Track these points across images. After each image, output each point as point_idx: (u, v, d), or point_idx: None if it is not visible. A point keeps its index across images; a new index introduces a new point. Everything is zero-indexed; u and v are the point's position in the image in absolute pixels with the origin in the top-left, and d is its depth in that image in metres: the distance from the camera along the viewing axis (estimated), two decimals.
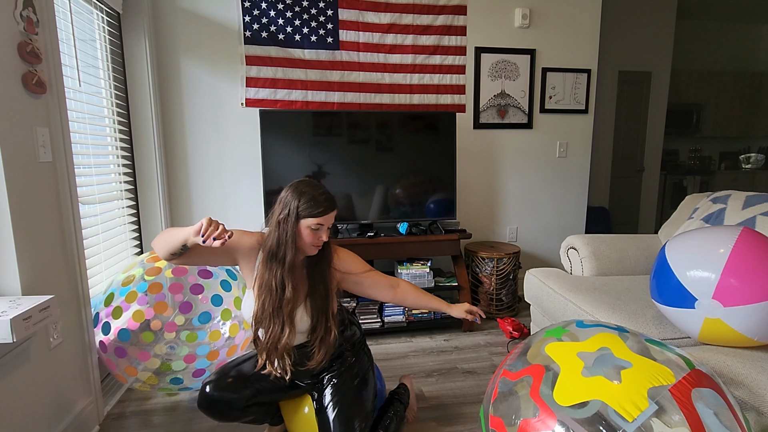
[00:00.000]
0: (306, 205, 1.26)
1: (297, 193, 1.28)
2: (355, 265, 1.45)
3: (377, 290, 1.48)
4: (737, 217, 1.81)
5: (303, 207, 1.26)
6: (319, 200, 1.27)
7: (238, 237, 1.34)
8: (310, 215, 1.26)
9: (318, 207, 1.27)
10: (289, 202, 1.27)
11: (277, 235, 1.28)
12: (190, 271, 1.76)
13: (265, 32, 2.52)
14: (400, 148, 2.50)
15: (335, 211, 1.32)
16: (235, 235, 1.33)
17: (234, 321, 1.77)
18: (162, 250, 1.25)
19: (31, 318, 1.13)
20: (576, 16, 2.93)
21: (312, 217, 1.26)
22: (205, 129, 2.57)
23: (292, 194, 1.28)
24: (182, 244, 1.21)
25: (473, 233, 3.02)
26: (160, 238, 1.26)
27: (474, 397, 1.83)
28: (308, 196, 1.27)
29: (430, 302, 1.51)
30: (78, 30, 1.85)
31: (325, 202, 1.28)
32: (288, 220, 1.27)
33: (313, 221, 1.26)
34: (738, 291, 1.20)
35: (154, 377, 1.67)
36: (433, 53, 2.75)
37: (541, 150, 3.04)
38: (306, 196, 1.27)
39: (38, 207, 1.37)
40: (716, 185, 5.05)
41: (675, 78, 4.54)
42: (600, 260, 2.14)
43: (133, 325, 1.64)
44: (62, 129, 1.48)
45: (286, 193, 1.30)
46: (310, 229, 1.27)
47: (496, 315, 2.70)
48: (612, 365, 0.92)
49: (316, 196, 1.27)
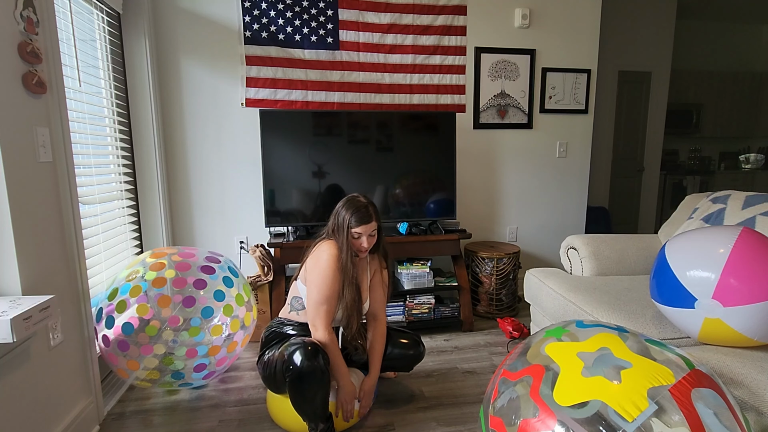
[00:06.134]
0: (352, 217, 1.56)
1: (345, 207, 1.60)
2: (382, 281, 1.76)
3: (371, 306, 1.75)
4: (737, 217, 1.81)
5: (352, 219, 1.56)
6: (363, 213, 1.57)
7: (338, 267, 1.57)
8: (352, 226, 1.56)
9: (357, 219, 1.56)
10: (339, 214, 1.60)
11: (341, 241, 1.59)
12: (193, 267, 1.76)
13: (265, 32, 2.52)
14: (400, 148, 2.50)
15: (373, 222, 1.58)
16: (337, 261, 1.57)
17: (235, 317, 1.78)
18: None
19: (31, 318, 1.13)
20: (576, 16, 2.93)
21: (354, 227, 1.56)
22: (205, 129, 2.57)
23: (342, 207, 1.61)
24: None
25: (473, 233, 3.02)
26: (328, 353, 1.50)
27: (474, 397, 1.83)
28: (353, 209, 1.57)
29: (373, 358, 1.70)
30: (78, 30, 1.85)
31: (363, 215, 1.57)
32: (340, 229, 1.58)
33: (355, 230, 1.56)
34: (738, 291, 1.20)
35: (156, 372, 1.67)
36: (433, 53, 2.75)
37: (541, 150, 3.04)
38: (351, 209, 1.58)
39: (38, 207, 1.37)
40: (716, 185, 5.05)
41: (675, 78, 4.54)
42: (600, 260, 2.14)
43: (136, 319, 1.64)
44: (62, 129, 1.48)
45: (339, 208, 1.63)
46: (353, 237, 1.58)
47: (496, 315, 2.70)
48: (612, 365, 0.92)
49: (359, 208, 1.57)
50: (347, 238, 1.56)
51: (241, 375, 2.03)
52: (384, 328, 1.75)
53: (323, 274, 1.53)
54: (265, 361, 1.58)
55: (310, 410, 1.43)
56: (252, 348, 2.31)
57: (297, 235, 2.47)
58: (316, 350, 1.40)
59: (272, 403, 1.62)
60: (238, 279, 1.90)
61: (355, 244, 1.58)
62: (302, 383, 1.38)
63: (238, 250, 2.70)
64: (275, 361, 1.50)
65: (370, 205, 1.60)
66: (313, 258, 1.59)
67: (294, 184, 2.39)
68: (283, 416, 1.57)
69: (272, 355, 1.55)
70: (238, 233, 2.70)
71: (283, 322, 1.67)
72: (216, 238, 2.68)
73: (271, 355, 1.56)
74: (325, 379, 1.41)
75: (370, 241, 1.60)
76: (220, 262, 1.88)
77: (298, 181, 2.40)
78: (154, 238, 2.45)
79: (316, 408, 1.42)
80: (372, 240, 1.61)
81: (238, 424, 1.66)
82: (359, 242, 1.58)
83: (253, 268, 2.68)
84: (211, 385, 1.95)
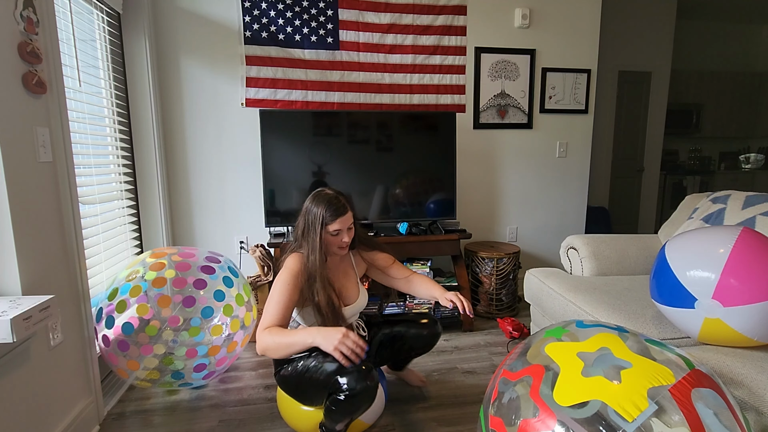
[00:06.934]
0: (326, 213, 1.43)
1: (315, 203, 1.45)
2: (382, 259, 1.70)
3: (396, 283, 1.71)
4: (737, 217, 1.81)
5: (326, 215, 1.43)
6: (336, 205, 1.44)
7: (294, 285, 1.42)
8: (328, 221, 1.43)
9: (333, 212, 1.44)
10: (310, 212, 1.45)
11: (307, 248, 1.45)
12: (193, 267, 1.77)
13: (265, 32, 2.52)
14: (400, 148, 2.50)
15: (348, 213, 1.47)
16: (294, 279, 1.42)
17: (235, 317, 1.78)
18: (280, 353, 1.34)
19: (31, 318, 1.13)
20: (576, 16, 2.93)
21: (329, 223, 1.43)
22: (205, 129, 2.57)
23: (312, 204, 1.46)
24: (308, 348, 1.32)
25: (473, 233, 3.02)
26: (277, 345, 1.31)
27: (474, 397, 1.83)
28: (325, 204, 1.44)
29: (433, 291, 1.64)
30: (78, 30, 1.85)
31: (339, 206, 1.45)
32: (311, 230, 1.44)
33: (332, 227, 1.43)
34: (738, 291, 1.20)
35: (156, 372, 1.68)
36: (433, 53, 2.75)
37: (541, 150, 3.04)
38: (323, 205, 1.44)
39: (38, 207, 1.37)
40: (716, 185, 5.05)
41: (675, 78, 4.54)
42: (600, 260, 2.14)
43: (136, 319, 1.64)
44: (62, 129, 1.49)
45: (307, 205, 1.48)
46: (330, 235, 1.45)
47: (496, 315, 2.70)
48: (612, 365, 0.92)
49: (331, 201, 1.44)
50: (321, 237, 1.42)
51: (241, 375, 2.03)
52: (419, 276, 1.70)
53: (274, 288, 1.42)
54: (291, 373, 1.43)
55: (345, 420, 1.38)
56: (252, 348, 2.31)
57: None
58: (370, 369, 1.32)
59: (282, 403, 1.59)
60: (238, 279, 1.90)
61: (334, 242, 1.46)
62: (352, 401, 1.31)
63: (238, 250, 2.70)
64: (313, 376, 1.38)
65: (340, 195, 1.48)
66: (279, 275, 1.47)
67: (294, 184, 2.39)
68: (294, 417, 1.55)
69: (305, 367, 1.40)
70: (238, 233, 2.70)
71: None
72: (216, 238, 2.68)
73: (303, 367, 1.41)
74: (374, 397, 1.34)
75: (350, 234, 1.49)
76: (220, 262, 1.88)
77: (298, 181, 2.40)
78: (154, 238, 2.45)
79: (352, 419, 1.40)
80: (351, 233, 1.50)
81: (238, 424, 1.66)
82: (338, 239, 1.46)
83: (253, 268, 2.68)
84: (211, 385, 1.95)
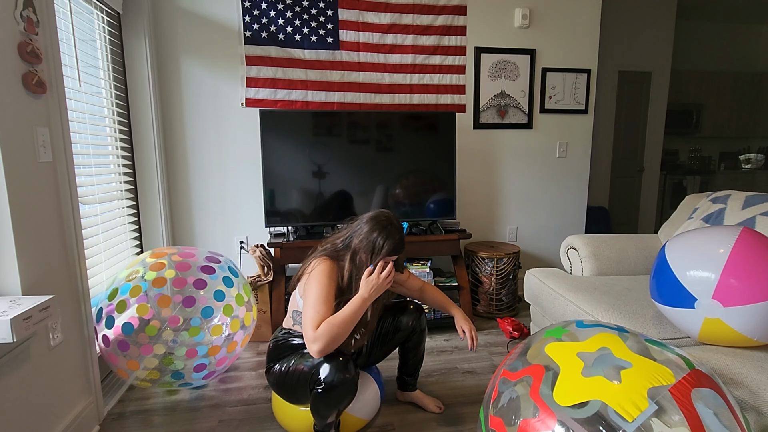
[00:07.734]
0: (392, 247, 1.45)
1: (382, 233, 1.46)
2: (403, 275, 1.71)
3: (410, 294, 1.73)
4: (737, 217, 1.81)
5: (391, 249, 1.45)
6: (401, 243, 1.48)
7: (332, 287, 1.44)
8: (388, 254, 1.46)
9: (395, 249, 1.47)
10: (370, 238, 1.46)
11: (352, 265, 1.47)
12: (193, 267, 1.76)
13: (265, 32, 2.53)
14: (400, 148, 2.50)
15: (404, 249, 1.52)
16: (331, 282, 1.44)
17: (235, 317, 1.78)
18: (347, 328, 1.36)
19: (31, 318, 1.13)
20: (576, 16, 2.93)
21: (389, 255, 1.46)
22: (205, 129, 2.57)
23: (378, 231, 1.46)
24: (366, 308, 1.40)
25: (473, 233, 3.02)
26: (341, 324, 1.34)
27: (474, 397, 1.83)
28: (393, 240, 1.46)
29: (448, 309, 1.70)
30: (78, 30, 1.85)
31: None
32: (365, 252, 1.46)
33: (389, 258, 1.46)
34: (738, 291, 1.20)
35: (156, 372, 1.68)
36: (433, 53, 2.75)
37: (541, 150, 3.04)
38: (391, 240, 1.46)
39: (38, 207, 1.37)
40: (716, 185, 5.05)
41: (675, 78, 4.54)
42: (600, 260, 2.14)
43: (136, 319, 1.64)
44: (62, 129, 1.48)
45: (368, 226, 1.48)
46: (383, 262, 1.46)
47: (496, 315, 2.70)
48: (612, 365, 0.92)
49: (398, 239, 1.47)
50: (372, 262, 1.45)
51: (241, 375, 2.03)
52: (431, 286, 1.75)
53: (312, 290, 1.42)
54: (278, 372, 1.49)
55: (331, 415, 1.40)
56: (252, 348, 2.31)
57: (297, 235, 2.47)
58: (347, 361, 1.36)
59: (277, 406, 1.61)
60: (238, 279, 1.90)
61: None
62: (331, 394, 1.34)
63: (238, 250, 2.70)
64: (295, 372, 1.43)
65: (402, 230, 1.51)
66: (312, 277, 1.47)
67: (294, 184, 2.39)
68: (287, 418, 1.57)
69: (288, 366, 1.46)
70: (238, 233, 2.70)
71: (289, 332, 1.58)
72: (216, 238, 2.68)
73: (286, 367, 1.47)
74: (355, 389, 1.38)
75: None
76: (220, 262, 1.88)
77: (298, 181, 2.40)
78: (154, 238, 2.45)
79: (339, 413, 1.41)
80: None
81: (238, 424, 1.66)
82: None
83: (253, 268, 2.68)
84: (211, 385, 1.95)
